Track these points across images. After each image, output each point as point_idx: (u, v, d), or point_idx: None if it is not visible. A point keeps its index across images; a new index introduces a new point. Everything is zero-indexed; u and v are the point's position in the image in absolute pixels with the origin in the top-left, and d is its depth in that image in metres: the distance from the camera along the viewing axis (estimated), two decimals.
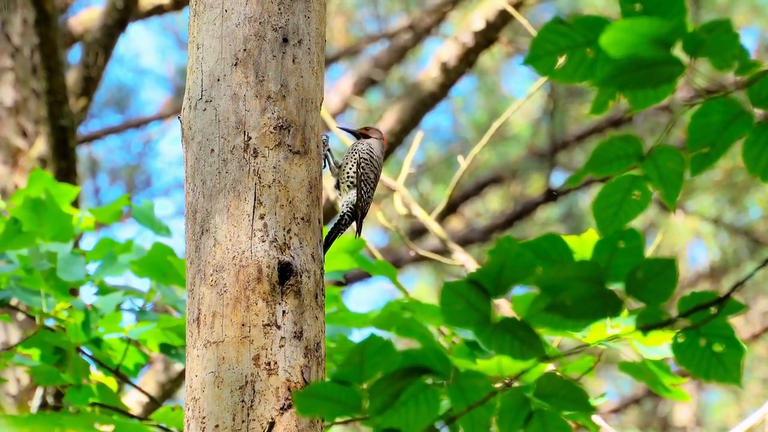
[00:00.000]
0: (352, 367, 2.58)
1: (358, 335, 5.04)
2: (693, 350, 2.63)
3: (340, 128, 4.04)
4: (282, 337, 3.35)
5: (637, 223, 2.61)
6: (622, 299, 2.52)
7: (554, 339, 4.82)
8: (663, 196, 2.63)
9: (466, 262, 6.11)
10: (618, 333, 4.52)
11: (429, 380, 2.60)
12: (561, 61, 2.55)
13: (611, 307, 2.52)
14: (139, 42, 16.84)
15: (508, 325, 2.56)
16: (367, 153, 3.99)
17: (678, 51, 2.50)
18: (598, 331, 4.53)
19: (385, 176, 6.48)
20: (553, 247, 2.54)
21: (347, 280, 5.31)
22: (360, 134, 4.12)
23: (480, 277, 2.55)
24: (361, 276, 10.40)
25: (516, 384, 2.64)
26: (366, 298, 16.48)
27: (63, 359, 4.84)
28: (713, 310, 2.55)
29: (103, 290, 4.98)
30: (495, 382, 2.64)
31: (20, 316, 6.76)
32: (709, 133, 2.57)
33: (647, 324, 2.56)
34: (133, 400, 7.76)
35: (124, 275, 5.00)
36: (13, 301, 6.69)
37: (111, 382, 5.05)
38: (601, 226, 2.65)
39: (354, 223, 4.03)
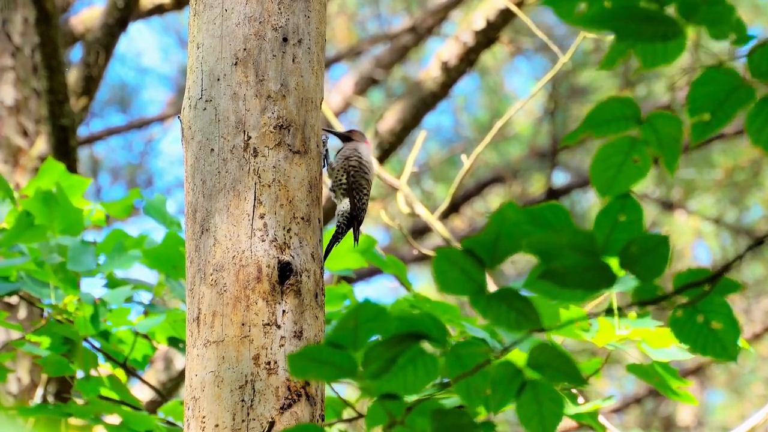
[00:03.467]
0: (346, 332, 2.57)
1: None
2: (691, 326, 2.63)
3: (325, 130, 4.02)
4: (282, 337, 3.35)
5: None
6: (617, 275, 2.52)
7: (558, 339, 4.81)
8: (662, 162, 2.63)
9: None
10: (627, 334, 4.51)
11: (426, 346, 2.59)
12: (581, 6, 2.55)
13: (605, 279, 2.51)
14: (141, 41, 16.83)
15: (504, 296, 2.55)
16: (356, 160, 3.95)
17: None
18: (607, 332, 4.52)
19: (387, 175, 6.48)
20: (554, 216, 2.53)
21: (349, 279, 5.32)
22: (345, 136, 4.08)
23: (474, 246, 2.53)
24: (364, 274, 10.39)
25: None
26: (369, 296, 16.44)
27: (71, 350, 4.85)
28: (707, 287, 2.56)
29: (112, 283, 4.99)
30: None
31: (21, 315, 6.76)
32: (709, 102, 2.57)
33: (643, 299, 2.55)
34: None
35: (131, 269, 5.01)
36: (14, 299, 6.70)
37: (120, 374, 5.06)
38: (599, 189, 2.63)
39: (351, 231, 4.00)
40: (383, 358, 2.57)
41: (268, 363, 3.33)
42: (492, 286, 2.57)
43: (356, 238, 3.97)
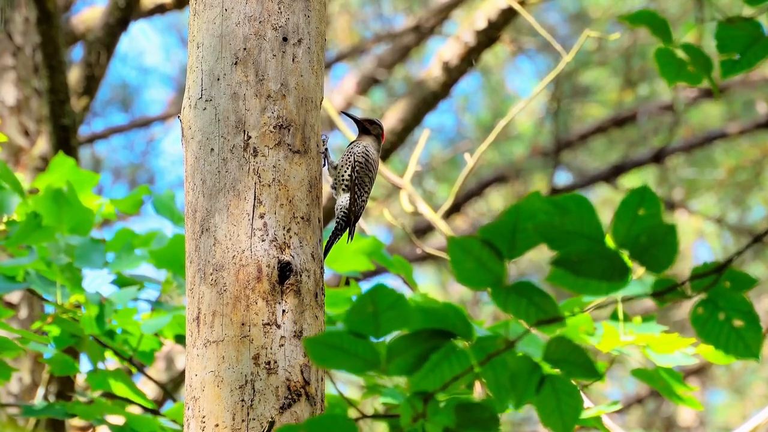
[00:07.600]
0: (366, 319, 2.53)
1: None
2: (712, 324, 2.61)
3: (343, 113, 3.98)
4: (282, 336, 3.35)
5: None
6: (629, 266, 2.51)
7: None
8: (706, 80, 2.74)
9: None
10: (632, 340, 4.52)
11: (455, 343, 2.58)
12: None
13: (618, 270, 2.50)
14: (143, 40, 16.83)
15: (524, 289, 2.54)
16: (363, 156, 3.94)
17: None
18: (612, 338, 4.53)
19: (390, 174, 6.48)
20: (577, 207, 2.52)
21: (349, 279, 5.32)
22: (362, 123, 4.06)
23: (491, 235, 2.50)
24: (367, 274, 10.39)
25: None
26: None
27: (78, 344, 4.85)
28: (714, 278, 2.56)
29: (121, 281, 4.99)
30: None
31: (22, 314, 6.77)
32: (736, 44, 2.63)
33: (659, 291, 2.54)
34: None
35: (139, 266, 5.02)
36: (16, 299, 6.70)
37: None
38: (666, 75, 2.74)
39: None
40: (411, 353, 2.55)
41: (268, 363, 3.32)
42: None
43: (351, 235, 3.96)
